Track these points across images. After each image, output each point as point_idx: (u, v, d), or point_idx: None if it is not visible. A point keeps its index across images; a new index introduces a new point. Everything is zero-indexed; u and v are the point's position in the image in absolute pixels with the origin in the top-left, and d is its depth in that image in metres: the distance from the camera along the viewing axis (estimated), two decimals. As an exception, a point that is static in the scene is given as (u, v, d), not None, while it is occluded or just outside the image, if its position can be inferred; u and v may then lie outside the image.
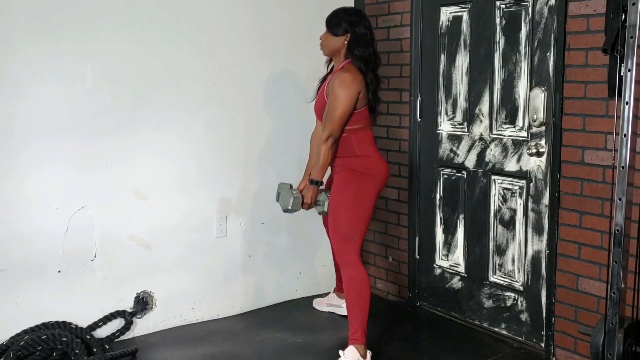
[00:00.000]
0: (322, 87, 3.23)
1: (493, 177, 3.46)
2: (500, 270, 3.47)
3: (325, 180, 3.31)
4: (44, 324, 3.16)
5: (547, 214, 3.19)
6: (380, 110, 3.29)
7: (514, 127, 3.33)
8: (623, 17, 2.22)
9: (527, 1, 3.21)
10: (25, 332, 3.10)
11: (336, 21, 3.17)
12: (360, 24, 3.14)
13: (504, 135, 3.38)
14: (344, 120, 3.08)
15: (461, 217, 3.65)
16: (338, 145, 3.16)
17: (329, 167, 3.23)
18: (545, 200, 3.20)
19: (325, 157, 3.10)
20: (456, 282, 3.72)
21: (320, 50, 3.28)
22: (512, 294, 3.41)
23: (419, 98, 3.83)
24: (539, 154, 3.20)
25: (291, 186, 3.31)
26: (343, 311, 3.65)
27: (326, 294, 3.97)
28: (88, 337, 3.20)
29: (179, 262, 3.60)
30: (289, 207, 3.19)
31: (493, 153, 3.45)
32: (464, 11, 3.54)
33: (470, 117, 3.55)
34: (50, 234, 3.18)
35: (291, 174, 3.91)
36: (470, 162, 3.57)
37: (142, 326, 3.49)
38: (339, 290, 3.78)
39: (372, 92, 3.14)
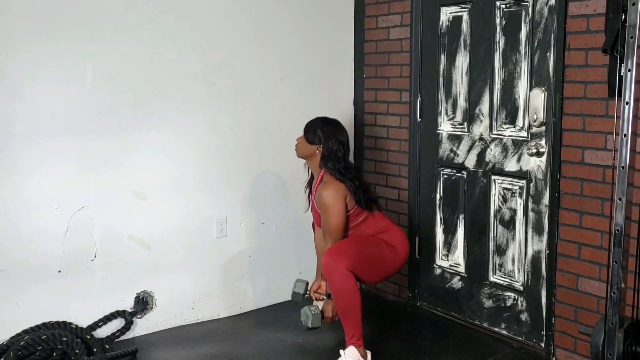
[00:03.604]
0: (312, 200, 3.32)
1: (493, 177, 3.46)
2: (500, 270, 3.47)
3: None
4: (44, 324, 3.16)
5: (547, 214, 3.19)
6: (379, 205, 3.36)
7: (514, 127, 3.33)
8: (623, 17, 2.22)
9: (527, 1, 3.21)
10: (25, 332, 3.10)
11: (313, 129, 3.27)
12: (334, 138, 3.22)
13: (504, 135, 3.38)
14: (342, 229, 3.17)
15: (461, 217, 3.65)
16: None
17: None
18: (545, 200, 3.20)
19: None
20: (456, 282, 3.72)
21: (295, 152, 3.36)
22: (512, 294, 3.41)
23: (419, 98, 3.83)
24: (539, 154, 3.20)
25: (307, 284, 3.38)
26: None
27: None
28: (88, 337, 3.20)
29: (179, 262, 3.60)
30: (310, 326, 3.23)
31: (493, 153, 3.45)
32: (464, 11, 3.54)
33: (470, 117, 3.55)
34: (50, 234, 3.18)
35: (291, 173, 3.92)
36: (470, 162, 3.57)
37: (142, 326, 3.49)
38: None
39: (359, 197, 3.17)
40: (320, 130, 3.24)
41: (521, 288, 3.37)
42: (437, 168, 3.77)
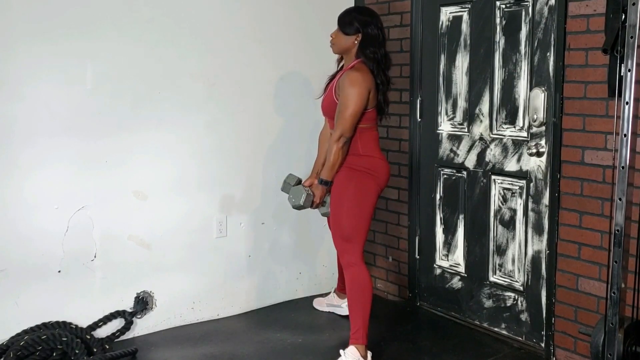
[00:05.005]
0: (331, 85, 3.19)
1: (493, 177, 3.46)
2: (500, 270, 3.47)
3: None
4: (44, 324, 3.16)
5: (547, 214, 3.19)
6: (387, 112, 3.29)
7: (514, 127, 3.33)
8: (623, 17, 2.22)
9: (527, 1, 3.21)
10: (25, 332, 3.10)
11: (348, 20, 3.14)
12: (372, 24, 3.12)
13: (504, 135, 3.38)
14: (355, 120, 3.04)
15: (461, 217, 3.66)
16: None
17: None
18: (545, 200, 3.20)
19: (336, 156, 3.06)
20: (456, 282, 3.72)
21: (331, 47, 3.25)
22: (512, 294, 3.41)
23: (419, 98, 3.83)
24: (539, 154, 3.20)
25: (300, 180, 3.30)
26: (343, 311, 3.65)
27: (326, 294, 3.97)
28: (88, 337, 3.20)
29: (179, 262, 3.60)
30: (301, 204, 3.13)
31: (493, 153, 3.45)
32: (464, 11, 3.54)
33: (470, 117, 3.55)
34: (50, 234, 3.18)
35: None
36: (470, 162, 3.57)
37: (142, 326, 3.50)
38: (339, 290, 3.78)
39: (383, 93, 3.13)
40: (357, 20, 3.12)
41: (521, 288, 3.37)
42: (437, 168, 3.77)
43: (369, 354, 3.11)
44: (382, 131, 4.03)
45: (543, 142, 3.19)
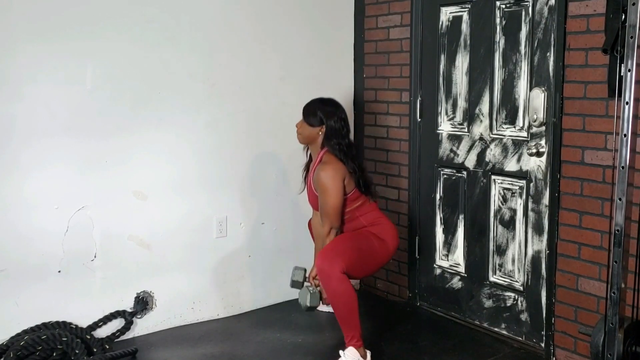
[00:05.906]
0: (309, 181, 3.31)
1: (493, 177, 3.46)
2: (500, 270, 3.47)
3: None
4: (44, 324, 3.16)
5: (547, 214, 3.19)
6: (373, 189, 3.37)
7: (514, 127, 3.33)
8: (623, 17, 2.22)
9: (527, 1, 3.21)
10: (25, 332, 3.10)
11: (312, 111, 3.26)
12: (335, 115, 3.23)
13: (504, 135, 3.39)
14: (339, 210, 3.16)
15: (461, 217, 3.65)
16: (344, 225, 3.25)
17: None
18: (545, 200, 3.20)
19: None
20: (456, 282, 3.72)
21: (297, 137, 3.35)
22: (512, 294, 3.41)
23: (419, 98, 3.83)
24: (539, 154, 3.20)
25: (305, 271, 3.35)
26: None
27: (326, 294, 3.97)
28: (88, 337, 3.20)
29: (179, 262, 3.60)
30: (308, 305, 3.20)
31: (493, 153, 3.45)
32: (464, 11, 3.54)
33: (470, 117, 3.55)
34: (50, 234, 3.18)
35: (291, 174, 3.91)
36: (470, 162, 3.57)
37: (142, 326, 3.49)
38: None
39: (359, 179, 3.20)
40: (321, 111, 3.23)
41: (521, 288, 3.37)
42: (437, 168, 3.77)
43: (368, 353, 3.11)
44: (382, 131, 4.04)
45: (543, 142, 3.19)
